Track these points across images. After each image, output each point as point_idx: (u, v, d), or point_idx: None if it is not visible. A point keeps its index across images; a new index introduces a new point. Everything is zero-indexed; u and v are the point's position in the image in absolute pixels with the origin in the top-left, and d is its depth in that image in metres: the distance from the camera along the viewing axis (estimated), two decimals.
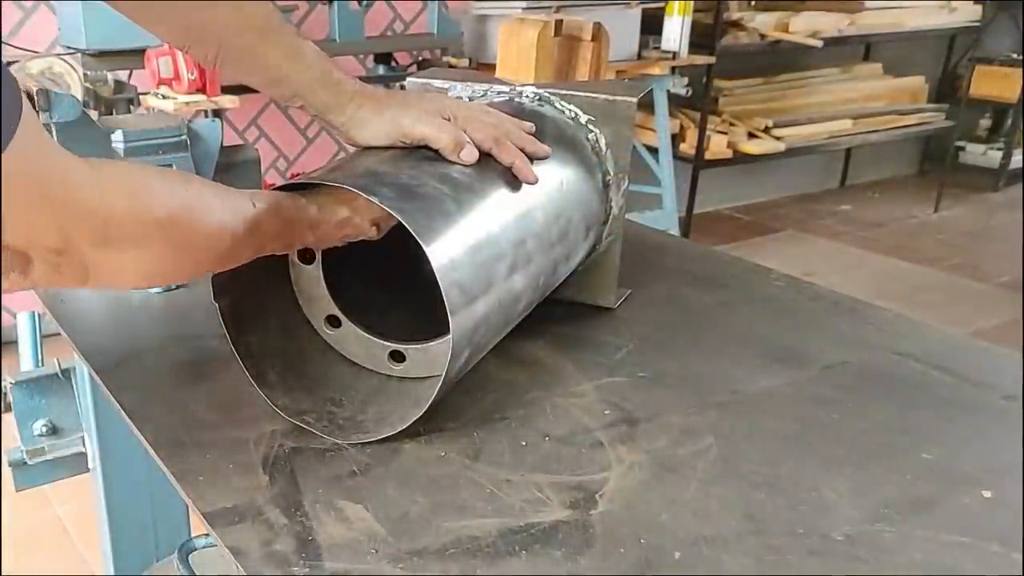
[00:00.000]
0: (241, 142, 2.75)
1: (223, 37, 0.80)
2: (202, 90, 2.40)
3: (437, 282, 0.66)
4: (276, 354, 0.77)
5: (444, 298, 0.66)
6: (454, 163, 0.78)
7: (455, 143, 0.78)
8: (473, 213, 0.74)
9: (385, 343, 0.80)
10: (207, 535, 1.02)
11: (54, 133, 1.03)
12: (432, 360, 0.79)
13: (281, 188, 0.71)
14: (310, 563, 0.59)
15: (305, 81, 0.82)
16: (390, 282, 0.86)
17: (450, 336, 0.67)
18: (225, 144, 1.16)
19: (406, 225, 0.66)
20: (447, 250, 0.69)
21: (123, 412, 0.79)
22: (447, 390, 0.72)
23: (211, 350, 0.87)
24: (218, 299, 0.73)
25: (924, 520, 0.65)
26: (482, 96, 0.95)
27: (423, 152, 0.79)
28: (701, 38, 3.53)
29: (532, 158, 0.83)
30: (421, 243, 0.66)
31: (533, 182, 0.81)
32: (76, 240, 0.57)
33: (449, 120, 0.80)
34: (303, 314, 0.81)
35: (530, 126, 0.86)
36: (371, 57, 3.14)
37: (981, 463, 0.72)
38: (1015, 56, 4.66)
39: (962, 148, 4.90)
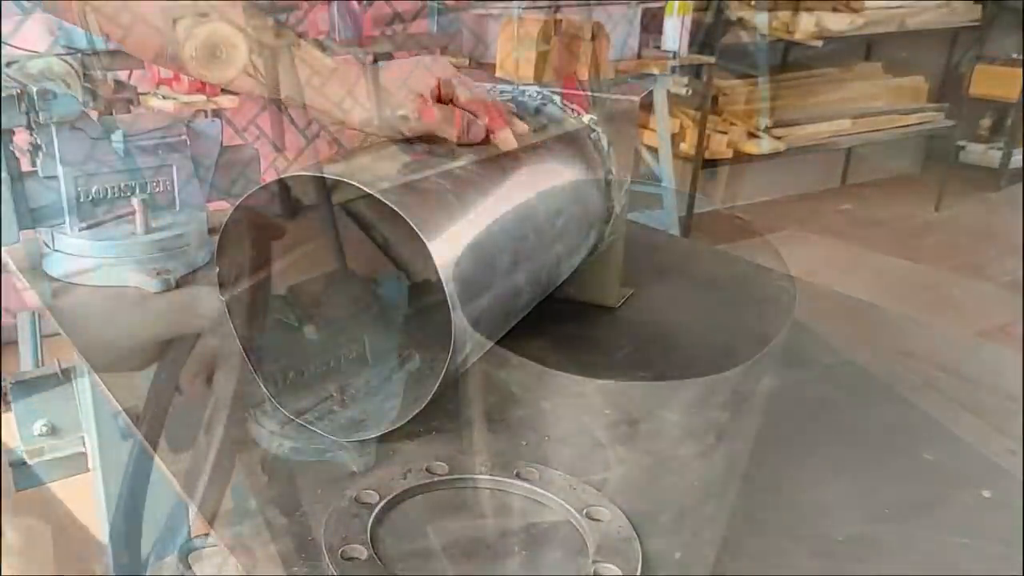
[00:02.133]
0: (241, 142, 2.74)
1: None
2: (202, 90, 2.40)
3: (439, 277, 0.66)
4: (279, 352, 0.77)
5: (446, 292, 0.66)
6: (455, 158, 0.78)
7: (457, 131, 0.79)
8: (474, 208, 0.74)
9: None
10: (207, 535, 1.02)
11: (54, 133, 1.03)
12: (433, 356, 0.79)
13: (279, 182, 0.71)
14: (310, 563, 0.59)
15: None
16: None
17: (452, 331, 0.67)
18: (225, 144, 1.16)
19: (408, 220, 0.66)
20: (449, 245, 0.69)
21: (123, 412, 0.79)
22: (448, 385, 0.72)
23: (211, 349, 0.87)
24: (224, 294, 0.73)
25: (924, 520, 0.65)
26: None
27: (423, 147, 0.79)
28: (701, 37, 3.53)
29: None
30: (423, 238, 0.66)
31: (513, 146, 0.81)
32: None
33: (433, 97, 0.80)
34: (305, 311, 0.81)
35: (525, 128, 0.86)
36: (371, 57, 3.14)
37: (981, 463, 0.72)
38: (1016, 56, 4.66)
39: (963, 147, 4.89)
